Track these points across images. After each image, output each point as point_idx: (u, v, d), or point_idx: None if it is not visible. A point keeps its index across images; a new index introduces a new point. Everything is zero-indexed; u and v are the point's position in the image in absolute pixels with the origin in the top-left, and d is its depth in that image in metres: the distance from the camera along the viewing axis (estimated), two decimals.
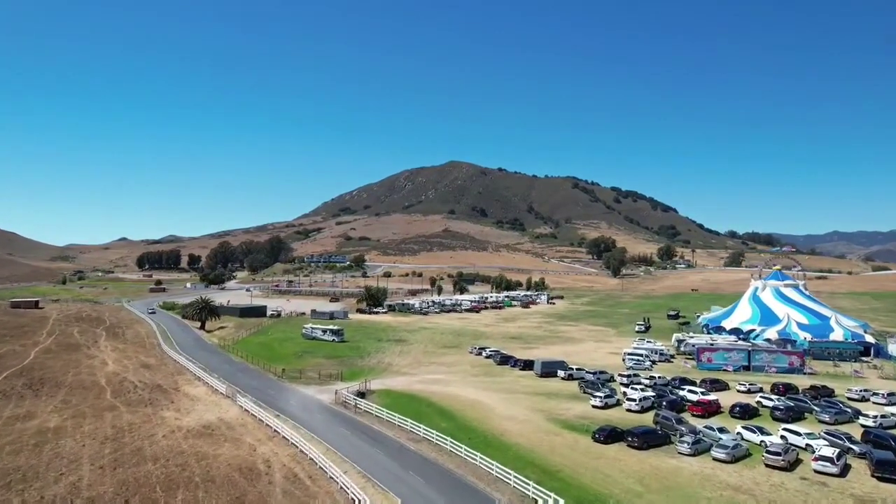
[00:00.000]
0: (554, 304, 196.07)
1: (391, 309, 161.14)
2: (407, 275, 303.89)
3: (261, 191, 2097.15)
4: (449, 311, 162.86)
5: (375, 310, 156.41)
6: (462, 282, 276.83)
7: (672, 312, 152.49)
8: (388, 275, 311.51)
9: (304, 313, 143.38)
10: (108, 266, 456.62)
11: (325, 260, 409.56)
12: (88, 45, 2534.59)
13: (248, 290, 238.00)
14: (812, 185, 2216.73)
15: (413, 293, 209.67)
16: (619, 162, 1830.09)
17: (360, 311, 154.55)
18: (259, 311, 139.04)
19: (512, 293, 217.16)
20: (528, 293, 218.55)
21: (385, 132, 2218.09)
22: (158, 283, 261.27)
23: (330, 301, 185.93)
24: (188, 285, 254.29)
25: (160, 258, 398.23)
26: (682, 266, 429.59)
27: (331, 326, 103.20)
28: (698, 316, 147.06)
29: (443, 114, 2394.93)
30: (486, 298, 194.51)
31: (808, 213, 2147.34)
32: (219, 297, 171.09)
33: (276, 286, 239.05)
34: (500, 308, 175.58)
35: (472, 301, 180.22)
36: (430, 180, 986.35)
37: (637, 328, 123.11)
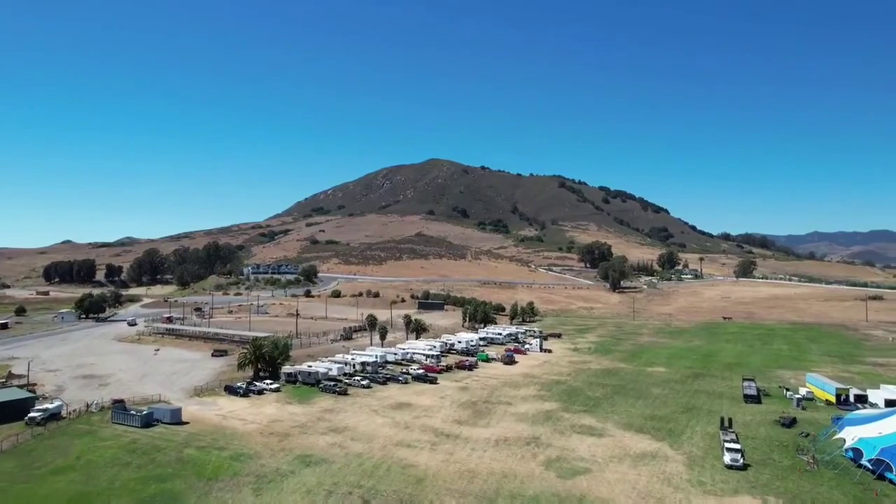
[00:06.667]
0: (550, 351, 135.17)
1: (290, 380, 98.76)
2: (360, 294, 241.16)
3: (233, 190, 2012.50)
4: (386, 381, 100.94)
5: (258, 385, 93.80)
6: (427, 306, 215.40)
7: (749, 390, 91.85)
8: (336, 294, 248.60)
9: (118, 402, 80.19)
10: (17, 276, 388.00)
11: (273, 270, 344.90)
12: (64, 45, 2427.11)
13: (131, 322, 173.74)
14: (793, 185, 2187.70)
15: (348, 336, 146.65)
16: (607, 161, 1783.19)
17: (230, 389, 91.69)
18: (9, 411, 73.40)
19: (491, 331, 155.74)
20: (513, 331, 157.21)
21: (364, 129, 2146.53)
22: (21, 310, 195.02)
23: (213, 355, 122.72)
24: (61, 313, 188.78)
25: (70, 269, 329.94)
26: (689, 276, 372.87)
27: None
28: (798, 401, 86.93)
29: (423, 110, 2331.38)
30: (452, 346, 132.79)
31: (789, 213, 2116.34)
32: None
33: (168, 318, 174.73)
34: (471, 367, 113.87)
35: (428, 355, 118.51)
36: (409, 179, 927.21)
37: (729, 459, 61.70)
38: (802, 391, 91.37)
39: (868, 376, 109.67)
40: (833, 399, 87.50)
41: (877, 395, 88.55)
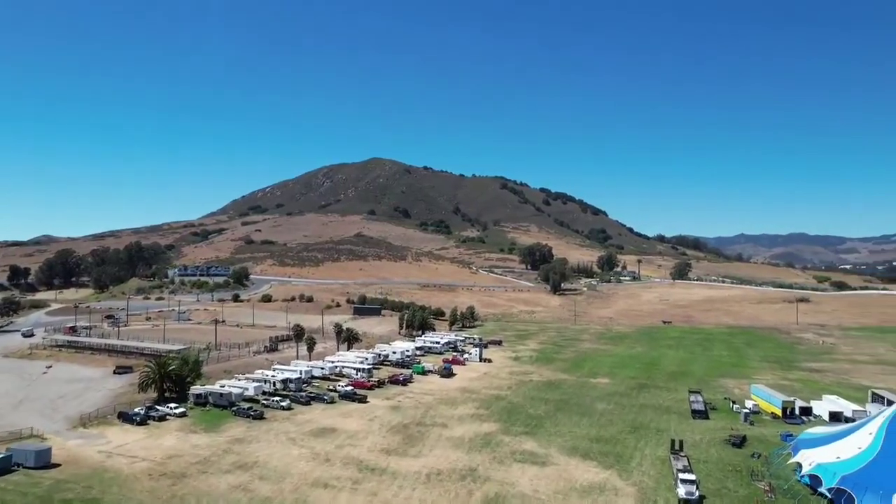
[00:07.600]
0: (490, 361, 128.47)
1: (199, 402, 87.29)
2: (293, 299, 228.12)
3: (166, 186, 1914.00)
4: (310, 401, 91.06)
5: (160, 410, 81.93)
6: (363, 311, 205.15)
7: (696, 405, 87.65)
8: (267, 299, 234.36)
9: None
10: None
11: (202, 272, 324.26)
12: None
13: (27, 333, 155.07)
14: (722, 187, 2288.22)
15: (273, 348, 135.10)
16: (548, 162, 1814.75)
17: (124, 416, 79.38)
18: None
19: (429, 340, 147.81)
20: (452, 339, 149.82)
21: (304, 126, 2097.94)
22: None
23: (115, 372, 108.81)
24: None
25: None
26: (627, 278, 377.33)
27: None
28: (745, 415, 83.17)
29: (366, 109, 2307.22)
30: (386, 357, 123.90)
31: (718, 215, 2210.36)
32: None
33: (71, 328, 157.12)
34: (405, 382, 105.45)
35: (358, 368, 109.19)
36: (351, 178, 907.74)
37: (684, 492, 55.88)
38: (749, 404, 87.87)
39: (807, 383, 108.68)
40: (779, 412, 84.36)
41: (821, 407, 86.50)
